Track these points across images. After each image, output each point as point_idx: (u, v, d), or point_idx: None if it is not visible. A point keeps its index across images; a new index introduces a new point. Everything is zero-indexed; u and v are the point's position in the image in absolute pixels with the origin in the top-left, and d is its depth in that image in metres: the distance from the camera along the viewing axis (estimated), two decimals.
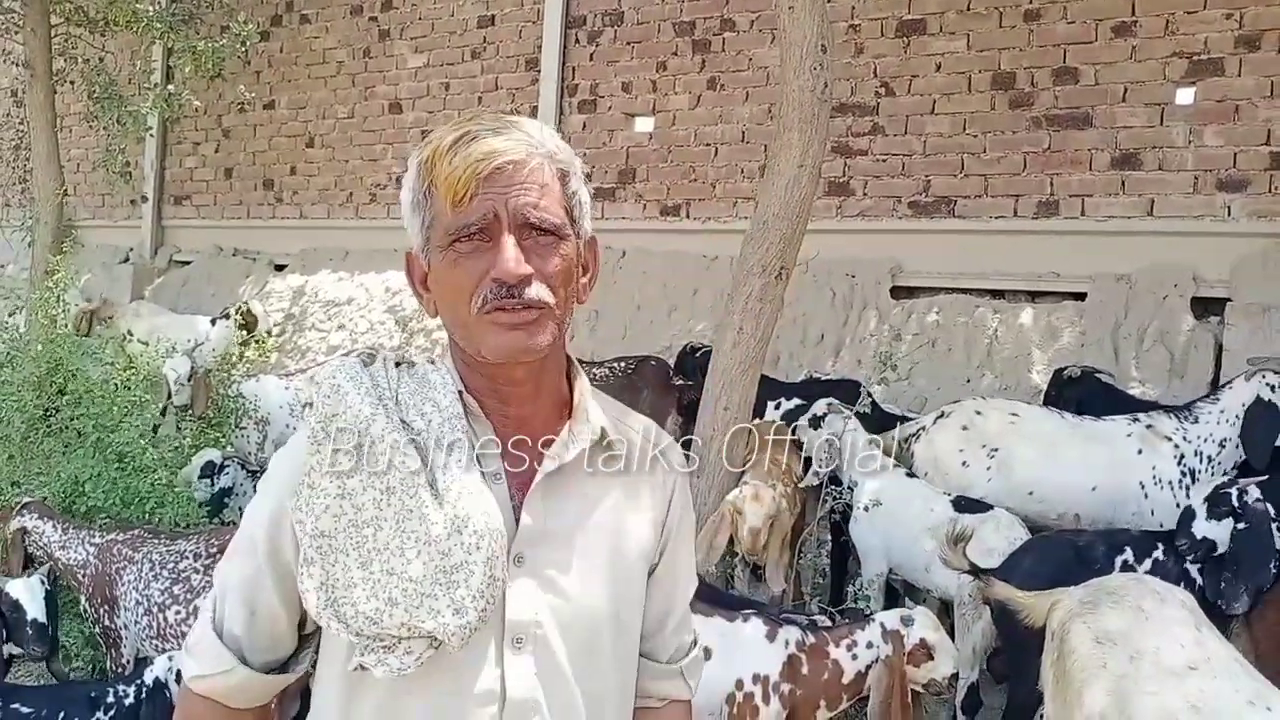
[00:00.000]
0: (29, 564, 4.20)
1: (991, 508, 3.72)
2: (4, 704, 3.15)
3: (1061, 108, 5.17)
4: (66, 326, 6.83)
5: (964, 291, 5.38)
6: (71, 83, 8.45)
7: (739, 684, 3.06)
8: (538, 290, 1.12)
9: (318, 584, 1.09)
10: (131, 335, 6.73)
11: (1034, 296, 5.24)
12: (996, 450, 4.07)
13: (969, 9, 5.40)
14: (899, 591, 4.11)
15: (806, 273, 5.80)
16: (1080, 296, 5.07)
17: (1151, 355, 4.70)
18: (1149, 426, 3.98)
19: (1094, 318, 4.93)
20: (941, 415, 4.26)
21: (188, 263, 9.07)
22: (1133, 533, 3.55)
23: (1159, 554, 3.33)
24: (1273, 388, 3.83)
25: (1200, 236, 4.82)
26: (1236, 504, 3.20)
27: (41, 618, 3.34)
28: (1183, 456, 3.90)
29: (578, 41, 6.88)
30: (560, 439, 1.20)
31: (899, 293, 5.60)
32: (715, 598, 3.43)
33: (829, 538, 4.51)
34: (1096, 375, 4.53)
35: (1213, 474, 3.80)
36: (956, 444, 4.13)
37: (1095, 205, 5.09)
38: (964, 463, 4.10)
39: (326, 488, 1.11)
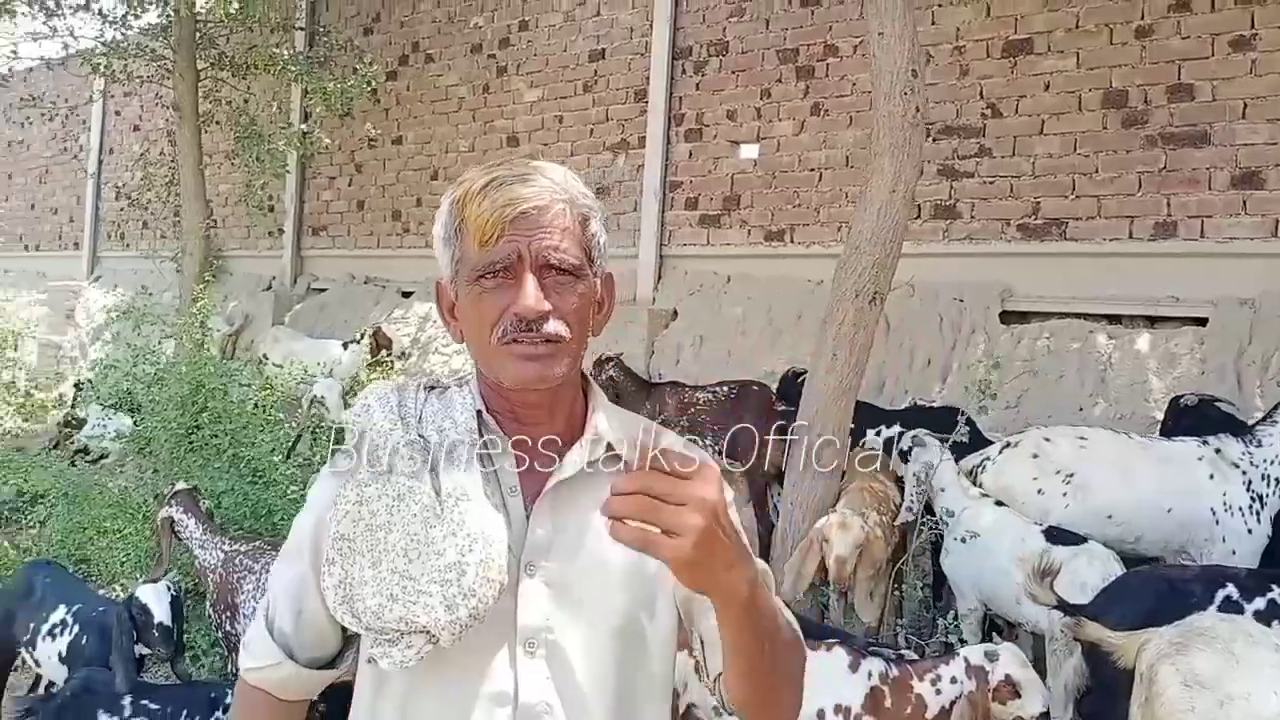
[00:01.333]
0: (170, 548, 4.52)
1: (1085, 540, 3.61)
2: (134, 700, 3.42)
3: (1177, 125, 4.98)
4: (210, 350, 7.35)
5: (1077, 316, 5.21)
6: (218, 123, 9.09)
7: (820, 714, 3.06)
8: (555, 326, 1.21)
9: (336, 582, 1.19)
10: (267, 359, 7.16)
11: (1152, 322, 5.04)
12: (1072, 475, 3.97)
13: (1078, 27, 5.26)
14: (1001, 626, 4.02)
15: (913, 297, 5.74)
16: (1201, 321, 4.85)
17: (1277, 383, 4.46)
18: (1218, 451, 3.89)
19: (1215, 344, 4.70)
20: (1008, 445, 4.17)
21: (324, 290, 9.57)
22: (1235, 570, 3.39)
23: (1276, 594, 3.18)
24: None
25: None
26: None
27: (167, 621, 3.58)
28: (1250, 482, 3.82)
29: (684, 72, 7.00)
30: (570, 455, 1.28)
31: (1009, 317, 5.47)
32: (800, 626, 3.43)
33: (930, 568, 4.44)
34: (1216, 404, 4.34)
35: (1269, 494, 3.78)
36: (1029, 472, 4.03)
37: (1215, 226, 4.86)
38: (1039, 490, 4.00)
39: (349, 495, 1.22)
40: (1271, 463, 3.85)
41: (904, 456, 4.20)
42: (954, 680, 2.99)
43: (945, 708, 2.98)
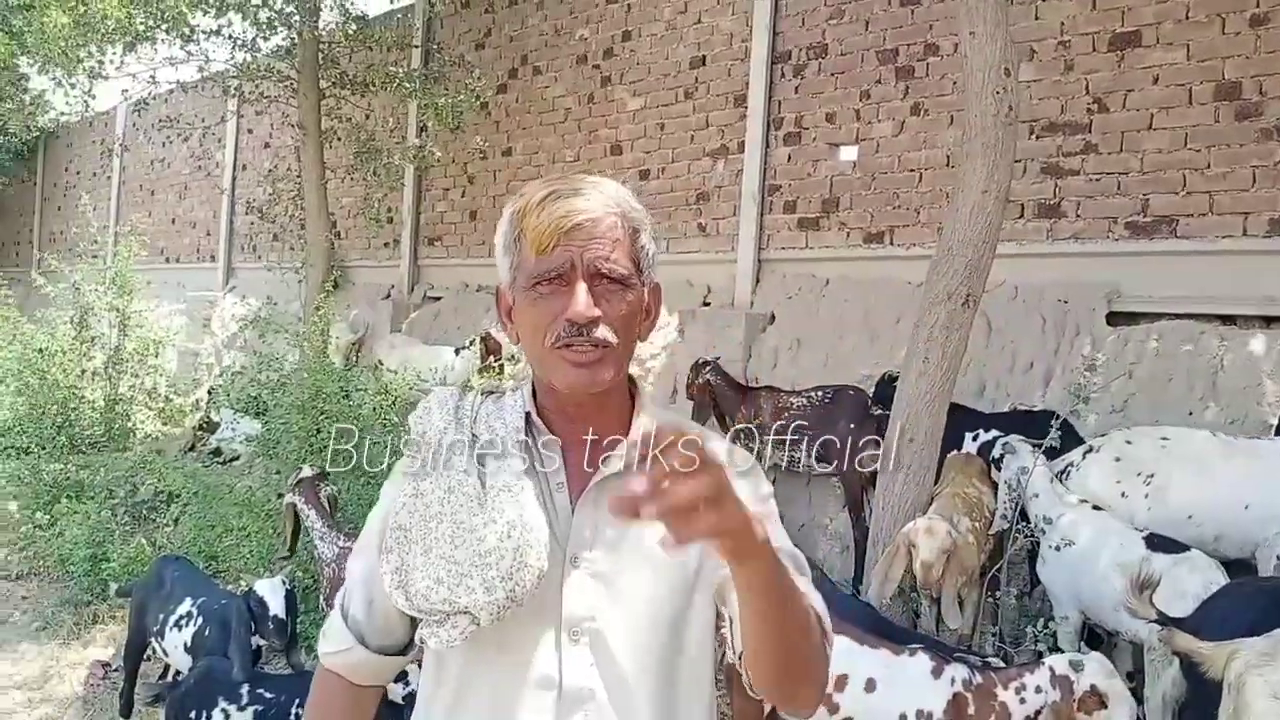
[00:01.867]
0: (297, 533, 4.81)
1: (1188, 548, 3.50)
2: (251, 688, 3.66)
3: None
4: (332, 357, 7.72)
5: (1188, 317, 5.01)
6: (339, 139, 9.53)
7: (902, 718, 3.07)
8: (604, 332, 1.29)
9: (393, 569, 1.30)
10: (382, 364, 7.48)
11: (1267, 322, 4.82)
12: (1153, 476, 3.87)
13: (1188, 18, 5.07)
14: (1101, 636, 3.92)
15: (1016, 298, 5.62)
16: None
17: None
18: None
19: None
20: (1090, 449, 4.07)
21: (438, 298, 9.90)
22: None
23: None
24: None
25: None
26: None
27: (282, 614, 3.82)
28: None
29: (783, 76, 7.01)
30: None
31: (1116, 319, 5.30)
32: (884, 630, 3.44)
33: (1028, 575, 4.36)
34: None
35: None
36: (1112, 476, 3.95)
37: None
38: (1122, 494, 3.92)
39: (406, 490, 1.33)
40: None
41: (996, 464, 4.13)
42: (1039, 689, 2.96)
43: (1030, 717, 2.95)
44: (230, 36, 9.24)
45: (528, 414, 1.38)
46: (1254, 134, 4.87)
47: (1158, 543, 3.57)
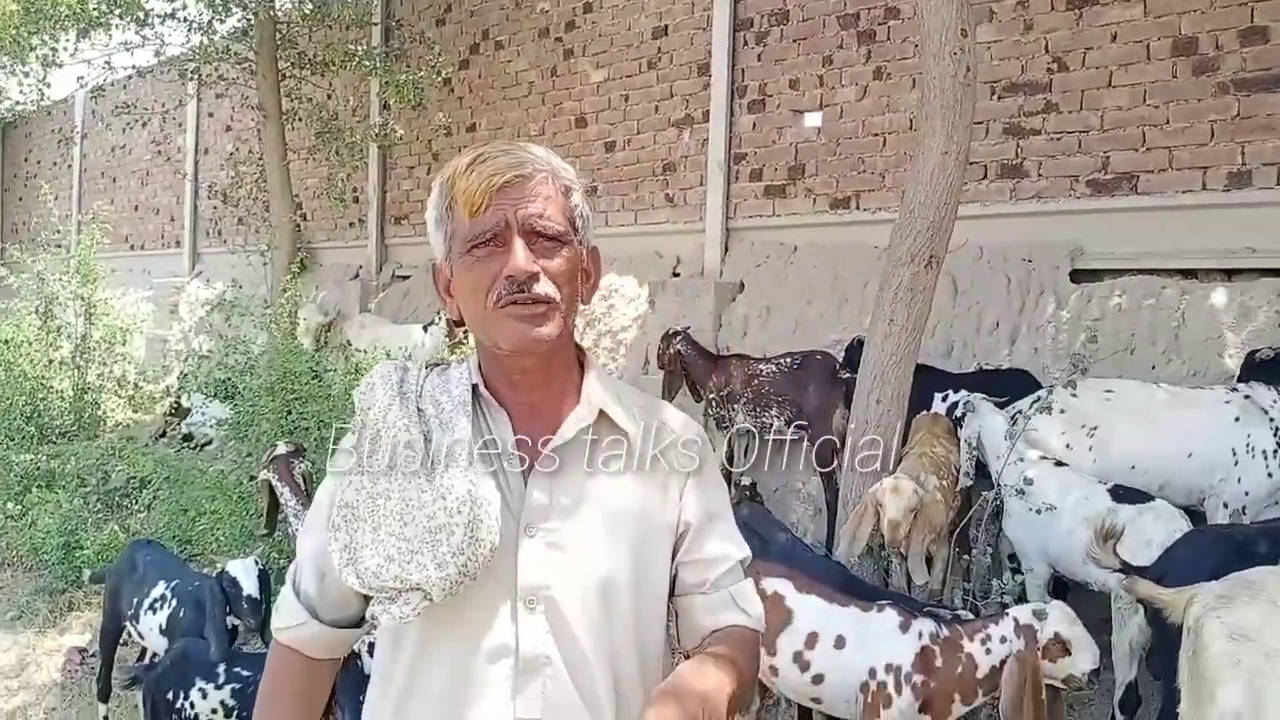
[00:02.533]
0: (275, 509, 4.81)
1: (1152, 498, 3.56)
2: (228, 667, 3.67)
3: (1251, 70, 4.77)
4: (300, 339, 7.67)
5: (1150, 272, 5.06)
6: (300, 120, 9.42)
7: (872, 673, 3.11)
8: (545, 286, 1.30)
9: (341, 546, 1.29)
10: (351, 344, 7.44)
11: (1228, 275, 4.88)
12: (1096, 429, 3.94)
13: None
14: (1069, 586, 3.99)
15: (981, 259, 5.66)
16: (1278, 273, 4.68)
17: None
18: (1247, 397, 3.89)
19: None
20: (1037, 400, 4.13)
21: (407, 277, 9.84)
22: None
23: None
24: None
25: None
26: None
27: (255, 594, 3.82)
28: (1278, 430, 3.80)
29: (746, 44, 6.98)
30: (566, 421, 1.36)
31: (1079, 276, 5.34)
32: (853, 587, 3.48)
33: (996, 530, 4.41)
34: None
35: None
36: (1057, 428, 4.01)
37: None
38: (1068, 445, 3.99)
39: (353, 467, 1.33)
40: None
41: (958, 423, 4.18)
42: (1004, 640, 3.01)
43: (996, 666, 3.00)
44: (186, 19, 9.10)
45: (474, 386, 1.37)
46: (1211, 89, 4.91)
47: (1123, 494, 3.63)
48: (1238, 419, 3.86)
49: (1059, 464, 3.89)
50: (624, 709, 1.34)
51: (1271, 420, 3.82)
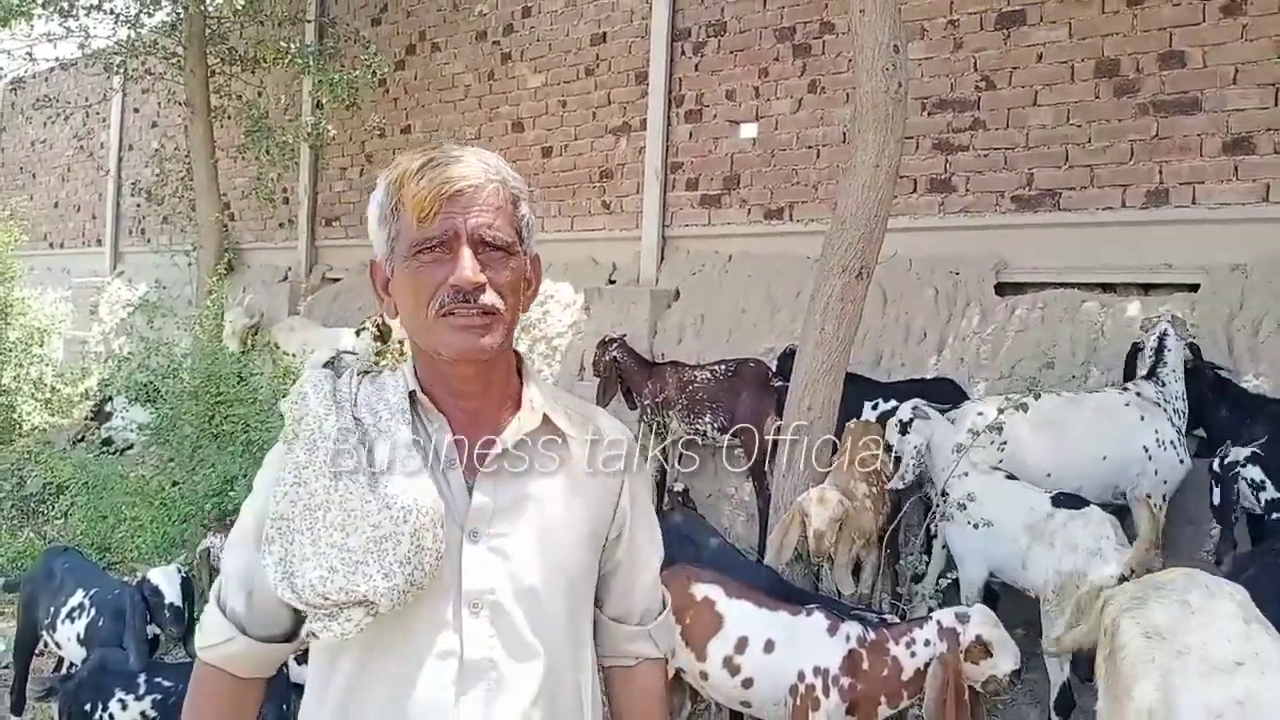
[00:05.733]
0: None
1: (1088, 504, 3.67)
2: (149, 677, 3.57)
3: (1169, 93, 4.96)
4: (226, 342, 7.50)
5: (1071, 286, 5.22)
6: (230, 117, 9.23)
7: (800, 675, 3.16)
8: (490, 297, 1.29)
9: (276, 560, 1.26)
10: (278, 347, 7.30)
11: (1145, 290, 5.05)
12: (1005, 444, 4.06)
13: None
14: (997, 593, 4.08)
15: (910, 270, 5.77)
16: (1193, 288, 4.86)
17: (1268, 347, 4.46)
18: (1138, 394, 4.21)
19: (1206, 309, 4.71)
20: (951, 422, 4.25)
21: (338, 279, 9.70)
22: None
23: None
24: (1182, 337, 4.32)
25: None
26: None
27: (178, 602, 3.72)
28: (1171, 418, 4.17)
29: (683, 53, 7.04)
30: (508, 427, 1.36)
31: (1004, 289, 5.49)
32: (782, 591, 3.53)
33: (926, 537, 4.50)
34: (1215, 370, 4.39)
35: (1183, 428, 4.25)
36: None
37: (1207, 192, 4.85)
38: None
39: (287, 478, 1.29)
40: (1176, 398, 4.24)
41: (904, 428, 4.24)
42: (928, 643, 3.08)
43: (920, 669, 3.07)
44: (112, 11, 8.84)
45: (412, 393, 1.36)
46: (1131, 109, 5.08)
47: (1062, 500, 3.74)
48: (1142, 418, 4.14)
49: (1009, 476, 3.99)
50: (565, 707, 1.37)
51: (1165, 411, 4.15)
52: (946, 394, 4.75)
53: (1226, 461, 3.77)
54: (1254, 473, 3.72)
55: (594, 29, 7.62)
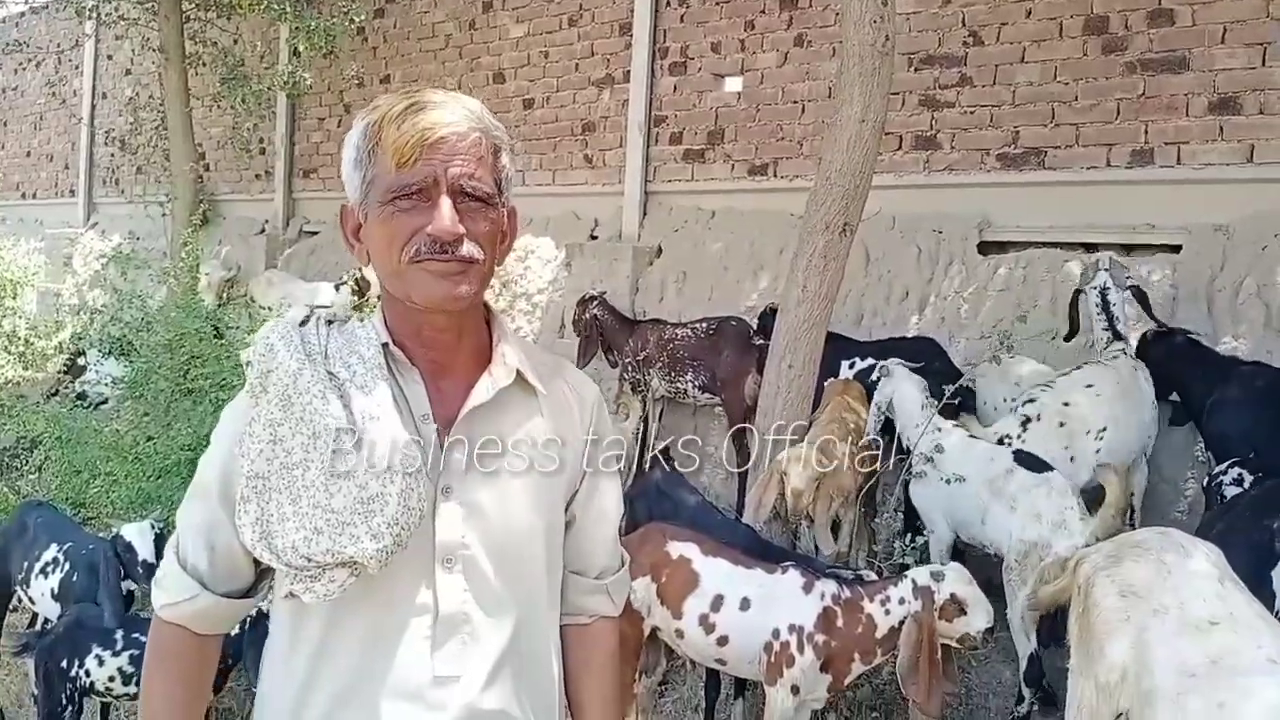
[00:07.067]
0: None
1: (1050, 469, 3.65)
2: (126, 633, 3.54)
3: (1156, 51, 4.91)
4: (202, 295, 7.40)
5: (1054, 245, 5.20)
6: (205, 65, 9.02)
7: (775, 633, 3.16)
8: (469, 248, 1.26)
9: (253, 519, 1.23)
10: (255, 301, 7.21)
11: (1128, 250, 5.03)
12: (1067, 404, 4.10)
13: None
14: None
15: (893, 228, 5.73)
16: (1176, 249, 4.84)
17: (1247, 309, 4.45)
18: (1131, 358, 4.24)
19: (1188, 270, 4.70)
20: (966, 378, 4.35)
21: (316, 233, 9.57)
22: None
23: None
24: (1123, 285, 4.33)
25: None
26: None
27: (151, 558, 3.68)
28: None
29: (669, 4, 6.91)
30: (481, 381, 1.34)
31: (987, 248, 5.46)
32: (759, 549, 3.52)
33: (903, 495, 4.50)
34: (1188, 334, 4.38)
35: None
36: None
37: (1192, 153, 4.82)
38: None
39: (260, 434, 1.25)
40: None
41: (873, 387, 4.24)
42: (902, 601, 3.09)
43: (894, 627, 3.08)
44: None
45: (385, 345, 1.32)
46: (1119, 67, 5.03)
47: (1024, 459, 3.72)
48: (1145, 380, 4.17)
49: (970, 434, 3.98)
50: (538, 660, 1.39)
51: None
52: (925, 353, 4.72)
53: (1213, 475, 3.79)
54: (1234, 474, 3.70)
55: None
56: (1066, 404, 4.08)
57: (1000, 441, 4.01)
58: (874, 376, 4.29)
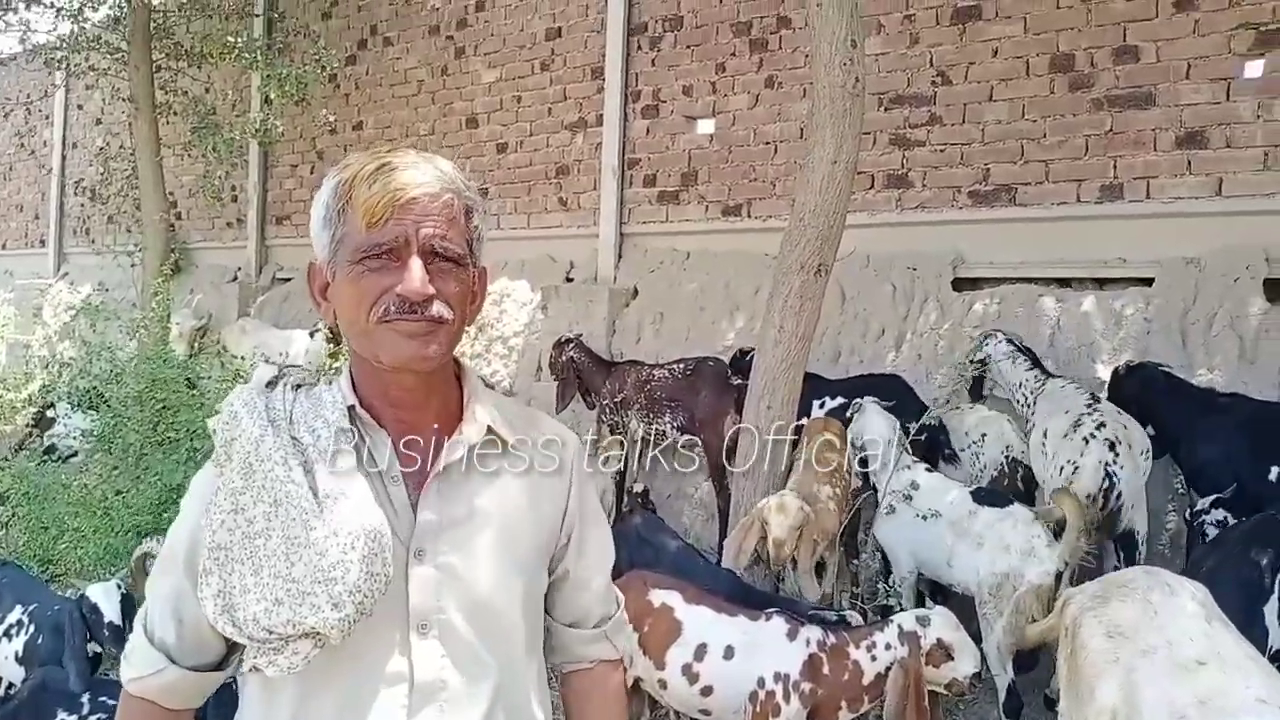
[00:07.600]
0: None
1: (1011, 501, 3.65)
2: (93, 697, 3.43)
3: (1123, 88, 4.98)
4: (172, 345, 7.31)
5: (1027, 281, 5.23)
6: (176, 114, 8.99)
7: (760, 682, 3.09)
8: (439, 308, 1.23)
9: (215, 592, 1.19)
10: (226, 350, 7.13)
11: (1100, 284, 5.06)
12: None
13: None
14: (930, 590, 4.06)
15: (867, 267, 5.75)
16: (1148, 282, 4.88)
17: (1221, 341, 4.48)
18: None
19: (1160, 303, 4.73)
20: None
21: (289, 279, 9.52)
22: None
23: None
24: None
25: (1272, 215, 4.55)
26: None
27: (117, 620, 3.59)
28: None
29: (640, 48, 6.96)
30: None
31: (961, 284, 5.48)
32: (742, 595, 3.46)
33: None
34: (1161, 368, 4.39)
35: None
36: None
37: (1161, 187, 4.88)
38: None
39: (223, 504, 1.22)
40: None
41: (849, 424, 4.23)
42: (888, 646, 3.03)
43: (881, 673, 3.02)
44: (54, 5, 8.59)
45: (351, 407, 1.29)
46: (1086, 104, 5.09)
47: (983, 497, 3.71)
48: None
49: (929, 469, 3.97)
50: (519, 713, 1.35)
51: None
52: (894, 390, 4.72)
53: (1195, 510, 3.80)
54: (1216, 516, 3.71)
55: (549, 23, 7.52)
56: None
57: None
58: (849, 414, 4.27)
